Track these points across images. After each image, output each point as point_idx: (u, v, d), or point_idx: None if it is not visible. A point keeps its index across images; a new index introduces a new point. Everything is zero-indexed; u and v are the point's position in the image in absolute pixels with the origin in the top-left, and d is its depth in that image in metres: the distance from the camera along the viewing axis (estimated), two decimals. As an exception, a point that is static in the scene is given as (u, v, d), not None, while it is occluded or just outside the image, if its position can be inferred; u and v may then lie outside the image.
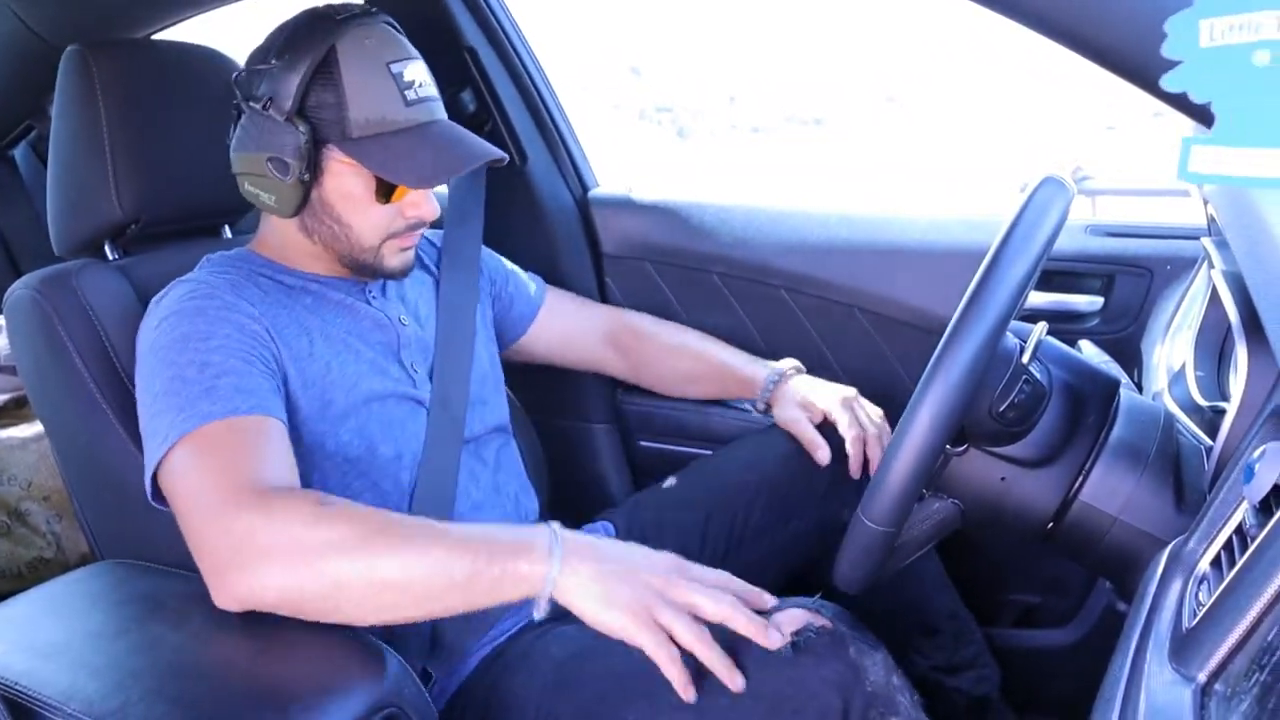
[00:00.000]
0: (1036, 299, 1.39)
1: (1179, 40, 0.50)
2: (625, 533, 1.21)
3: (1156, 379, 1.12)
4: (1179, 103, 0.55)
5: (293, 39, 0.97)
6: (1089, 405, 0.89)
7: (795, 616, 0.83)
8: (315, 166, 0.98)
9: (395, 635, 0.94)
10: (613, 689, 0.86)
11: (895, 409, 0.83)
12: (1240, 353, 0.78)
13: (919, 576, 1.20)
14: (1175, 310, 1.23)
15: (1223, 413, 0.80)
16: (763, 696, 0.79)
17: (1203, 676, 0.51)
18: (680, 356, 1.34)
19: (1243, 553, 0.55)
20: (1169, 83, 0.51)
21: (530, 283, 1.33)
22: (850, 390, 1.21)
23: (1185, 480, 0.85)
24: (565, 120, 1.59)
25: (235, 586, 0.79)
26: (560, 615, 1.05)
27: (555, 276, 1.50)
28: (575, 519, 1.25)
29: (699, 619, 0.78)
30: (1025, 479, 0.89)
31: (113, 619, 0.85)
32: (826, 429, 1.20)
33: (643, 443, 1.58)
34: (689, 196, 1.54)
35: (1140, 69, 0.59)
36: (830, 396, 1.20)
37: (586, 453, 1.57)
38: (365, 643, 0.79)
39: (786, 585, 1.24)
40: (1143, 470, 0.85)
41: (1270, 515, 0.55)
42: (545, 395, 1.39)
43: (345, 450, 0.99)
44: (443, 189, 1.70)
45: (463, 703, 0.98)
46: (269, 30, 1.01)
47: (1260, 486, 0.57)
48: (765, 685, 0.80)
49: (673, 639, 0.77)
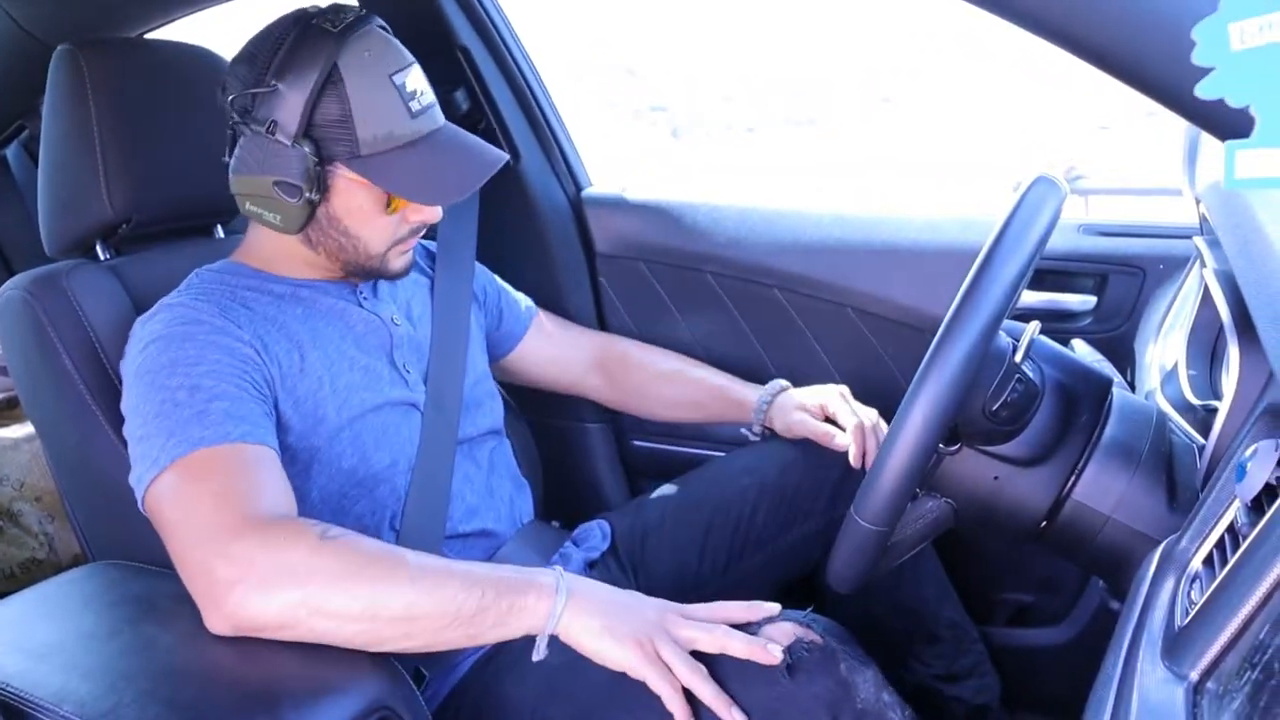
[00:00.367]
0: (1029, 298, 1.39)
1: (1209, 47, 0.49)
2: (623, 536, 1.20)
3: (1149, 378, 1.12)
4: (1199, 111, 0.54)
5: (292, 57, 0.93)
6: (1082, 404, 0.89)
7: (786, 631, 0.84)
8: (323, 185, 0.96)
9: None
10: (604, 698, 0.87)
11: (888, 408, 0.83)
12: (1232, 351, 0.79)
13: (920, 584, 1.20)
14: (1168, 309, 1.23)
15: (1215, 411, 0.80)
16: (753, 713, 0.80)
17: (1195, 675, 0.51)
18: (672, 383, 1.33)
19: (1235, 551, 0.55)
20: (1204, 90, 0.50)
21: (520, 302, 1.32)
22: (842, 387, 1.22)
23: (1178, 479, 0.86)
24: (559, 120, 1.59)
25: (232, 613, 0.77)
26: None
27: (549, 276, 1.50)
28: (569, 519, 1.25)
29: (698, 653, 0.81)
30: (1018, 478, 0.89)
31: (105, 620, 0.85)
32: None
33: (636, 442, 1.58)
34: (683, 196, 1.54)
35: (1135, 68, 0.59)
36: (826, 392, 1.22)
37: (580, 453, 1.57)
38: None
39: (787, 592, 1.24)
40: (1135, 469, 0.85)
41: (1262, 514, 0.55)
42: (539, 395, 1.39)
43: (339, 461, 0.99)
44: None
45: (456, 704, 0.98)
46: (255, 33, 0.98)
47: (1252, 485, 0.57)
48: (756, 702, 0.80)
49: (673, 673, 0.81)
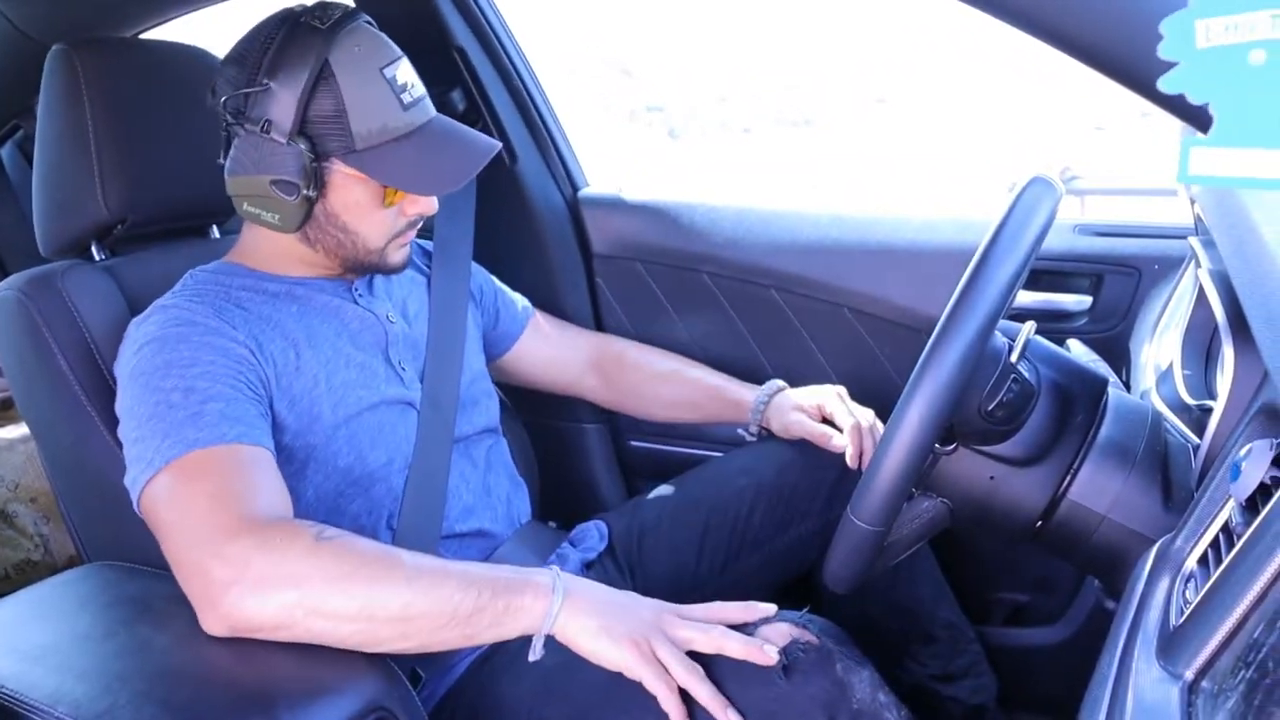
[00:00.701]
0: (1025, 298, 1.39)
1: (1175, 41, 0.50)
2: (620, 537, 1.20)
3: (1144, 378, 1.13)
4: (1172, 104, 0.55)
5: (282, 56, 0.94)
6: (1077, 404, 0.89)
7: (782, 632, 0.84)
8: (319, 181, 0.96)
9: None
10: (600, 699, 0.87)
11: (885, 408, 0.83)
12: (1227, 351, 0.79)
13: (916, 584, 1.20)
14: (1163, 309, 1.24)
15: (1210, 411, 0.80)
16: (749, 714, 0.80)
17: (1190, 674, 0.51)
18: (668, 383, 1.33)
19: (1229, 550, 0.56)
20: (1166, 84, 0.50)
21: (517, 302, 1.32)
22: (839, 388, 1.22)
23: (1173, 478, 0.86)
24: (555, 120, 1.59)
25: (228, 614, 0.77)
26: None
27: (545, 277, 1.50)
28: (566, 519, 1.25)
29: (694, 654, 0.82)
30: (1014, 478, 0.89)
31: (100, 621, 0.85)
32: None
33: (633, 443, 1.58)
34: (679, 196, 1.54)
35: (1127, 68, 0.59)
36: (823, 392, 1.22)
37: (577, 453, 1.57)
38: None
39: (784, 592, 1.24)
40: (1130, 469, 0.85)
41: (1256, 513, 0.55)
42: (535, 395, 1.39)
43: (335, 460, 0.99)
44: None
45: (452, 705, 0.98)
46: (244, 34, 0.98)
47: (1246, 484, 0.57)
48: (752, 703, 0.80)
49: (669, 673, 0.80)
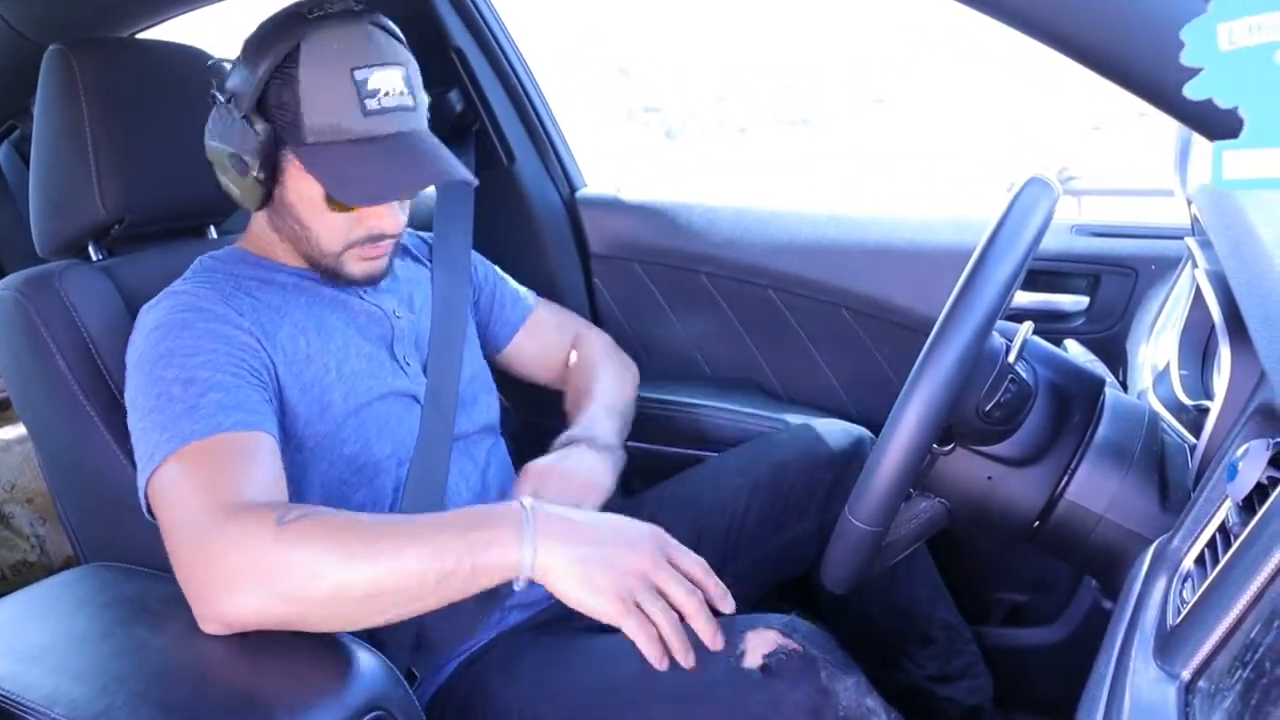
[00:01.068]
0: (1022, 299, 1.39)
1: (1198, 47, 0.49)
2: None
3: (1141, 378, 1.13)
4: (1171, 105, 0.54)
5: (263, 34, 0.94)
6: (1074, 404, 0.89)
7: (767, 639, 0.84)
8: (274, 166, 0.95)
9: (380, 635, 0.94)
10: (594, 701, 0.87)
11: (883, 408, 0.83)
12: (1223, 352, 0.79)
13: (914, 584, 1.20)
14: (1160, 309, 1.24)
15: (1206, 411, 0.80)
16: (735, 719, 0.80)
17: (1187, 674, 0.52)
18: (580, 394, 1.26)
19: (1226, 550, 0.56)
20: (1193, 90, 0.50)
21: (519, 297, 1.30)
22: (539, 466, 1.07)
23: (1170, 478, 0.86)
24: (553, 120, 1.59)
25: (217, 613, 0.77)
26: (542, 624, 1.05)
27: (543, 277, 1.50)
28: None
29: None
30: (1011, 478, 0.89)
31: (97, 622, 0.85)
32: (834, 424, 1.22)
33: (630, 443, 1.57)
34: (677, 197, 1.54)
35: (1124, 67, 0.59)
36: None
37: (575, 453, 1.56)
38: (352, 644, 0.79)
39: (782, 591, 1.24)
40: (1128, 469, 0.85)
41: (1253, 513, 0.55)
42: (534, 395, 1.39)
43: (342, 448, 0.99)
44: (430, 189, 1.69)
45: (443, 704, 0.98)
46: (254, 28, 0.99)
47: (1243, 484, 0.57)
48: (737, 708, 0.80)
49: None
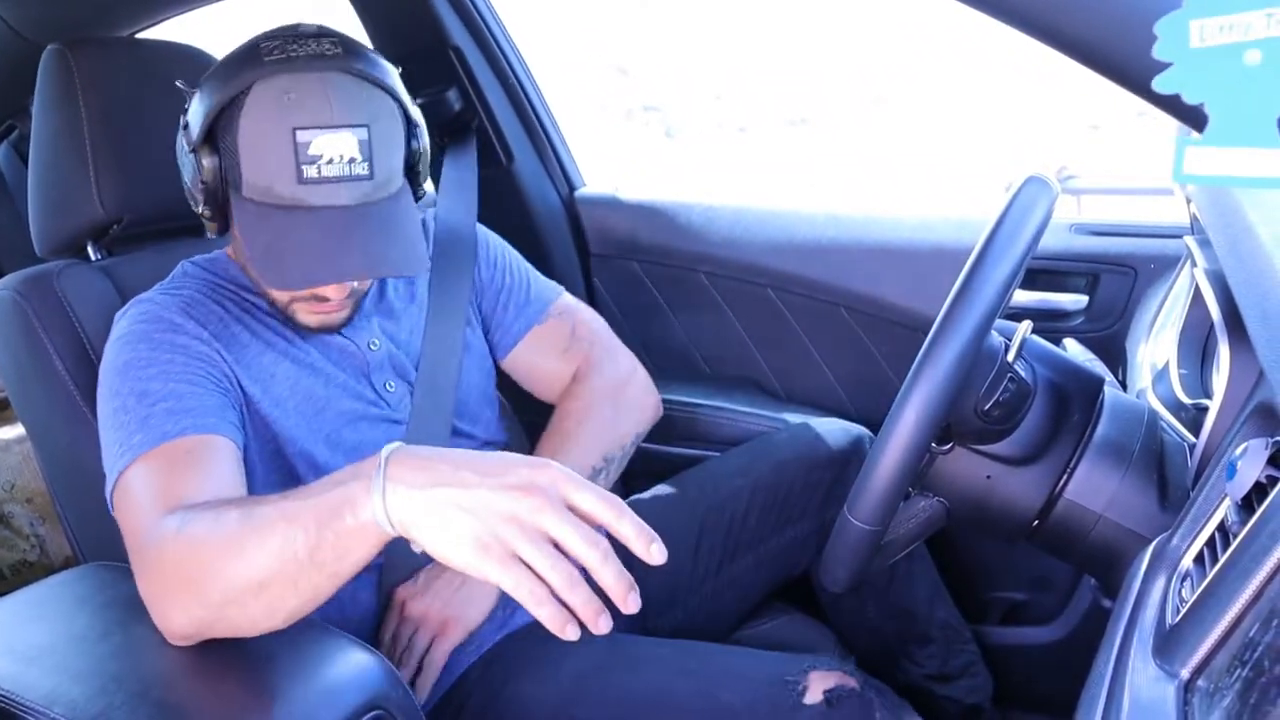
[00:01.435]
0: (1021, 297, 1.39)
1: (1169, 42, 0.50)
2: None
3: (1140, 377, 1.13)
4: (1168, 103, 0.55)
5: (222, 68, 0.88)
6: (1073, 403, 0.89)
7: (829, 677, 0.87)
8: (221, 205, 0.91)
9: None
10: (633, 711, 0.87)
11: (881, 408, 0.83)
12: (1222, 350, 0.79)
13: (913, 583, 1.20)
14: (1159, 308, 1.24)
15: (1206, 410, 0.80)
16: None
17: (1186, 673, 0.52)
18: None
19: (1225, 549, 0.56)
20: (1161, 84, 0.50)
21: (530, 301, 1.17)
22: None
23: (1169, 477, 0.86)
24: (551, 120, 1.59)
25: (163, 629, 0.76)
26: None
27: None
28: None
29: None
30: (1010, 477, 0.89)
31: (97, 622, 0.85)
32: (833, 423, 1.22)
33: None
34: (676, 196, 1.54)
35: (1122, 67, 0.59)
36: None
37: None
38: (350, 643, 0.79)
39: (781, 591, 1.24)
40: (1127, 468, 0.85)
41: (1252, 512, 0.55)
42: (533, 395, 1.39)
43: (326, 468, 0.96)
44: (429, 186, 1.69)
45: (457, 704, 0.97)
46: (252, 31, 0.97)
47: (1242, 483, 0.57)
48: None
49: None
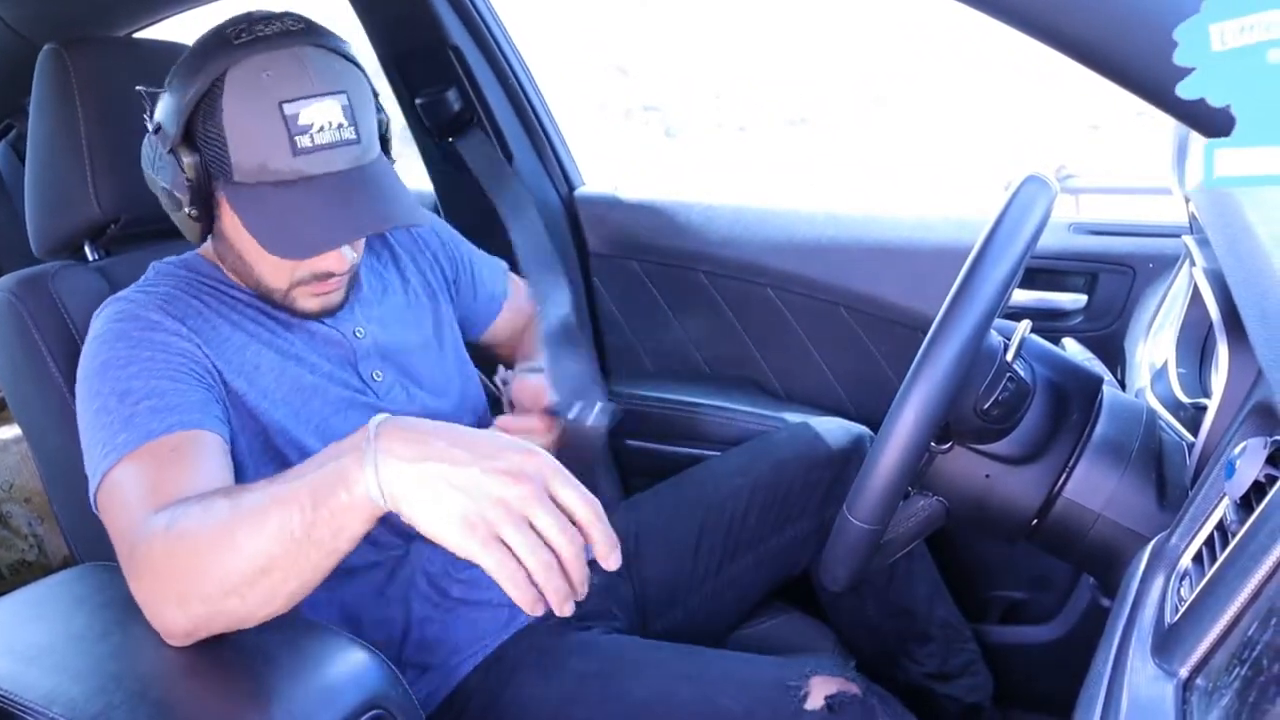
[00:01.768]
0: (1020, 297, 1.39)
1: (1190, 47, 0.50)
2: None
3: (1139, 376, 1.13)
4: (1168, 104, 0.55)
5: (189, 60, 0.86)
6: (1072, 402, 0.89)
7: (831, 683, 0.87)
8: (208, 202, 0.89)
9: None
10: (634, 715, 0.87)
11: (881, 407, 0.84)
12: (1221, 350, 0.79)
13: (913, 582, 1.20)
14: (1158, 308, 1.24)
15: (1204, 409, 0.80)
16: None
17: (1184, 671, 0.52)
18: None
19: (1224, 548, 0.56)
20: (1185, 90, 0.50)
21: (496, 275, 1.22)
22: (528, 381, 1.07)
23: (1167, 477, 0.86)
24: (551, 119, 1.59)
25: (160, 630, 0.75)
26: (577, 617, 1.05)
27: (541, 276, 1.50)
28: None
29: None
30: (1009, 476, 0.89)
31: (96, 622, 0.84)
32: (833, 422, 1.22)
33: (630, 442, 1.57)
34: (676, 195, 1.54)
35: (1122, 66, 0.59)
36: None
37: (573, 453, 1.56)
38: (350, 643, 0.78)
39: (781, 591, 1.24)
40: (1125, 467, 0.85)
41: (1251, 511, 0.55)
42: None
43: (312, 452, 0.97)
44: (429, 188, 1.69)
45: (460, 705, 0.97)
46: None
47: (1241, 483, 0.57)
48: None
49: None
